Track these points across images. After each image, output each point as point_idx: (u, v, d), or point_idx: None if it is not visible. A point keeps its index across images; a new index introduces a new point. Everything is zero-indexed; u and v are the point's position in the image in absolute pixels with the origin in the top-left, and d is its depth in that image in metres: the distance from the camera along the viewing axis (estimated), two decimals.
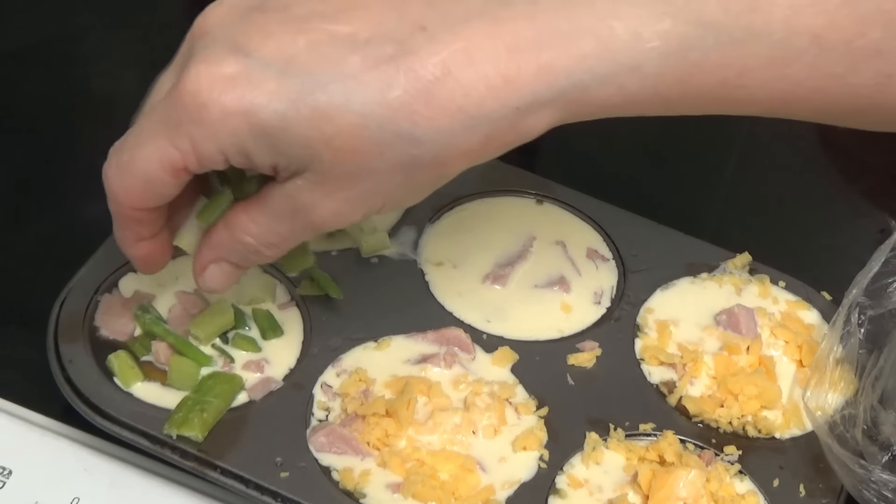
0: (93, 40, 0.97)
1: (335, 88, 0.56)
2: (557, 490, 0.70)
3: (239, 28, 0.58)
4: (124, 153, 0.61)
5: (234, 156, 0.59)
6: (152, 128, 0.60)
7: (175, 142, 0.59)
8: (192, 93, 0.57)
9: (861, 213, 0.93)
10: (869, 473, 0.69)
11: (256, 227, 0.62)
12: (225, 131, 0.57)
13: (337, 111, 0.56)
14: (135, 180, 0.61)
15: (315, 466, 0.69)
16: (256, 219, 0.62)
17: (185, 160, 0.59)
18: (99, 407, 0.69)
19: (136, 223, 0.64)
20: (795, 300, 0.81)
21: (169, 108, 0.58)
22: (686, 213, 0.89)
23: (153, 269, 0.68)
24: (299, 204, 0.60)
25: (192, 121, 0.57)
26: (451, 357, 0.75)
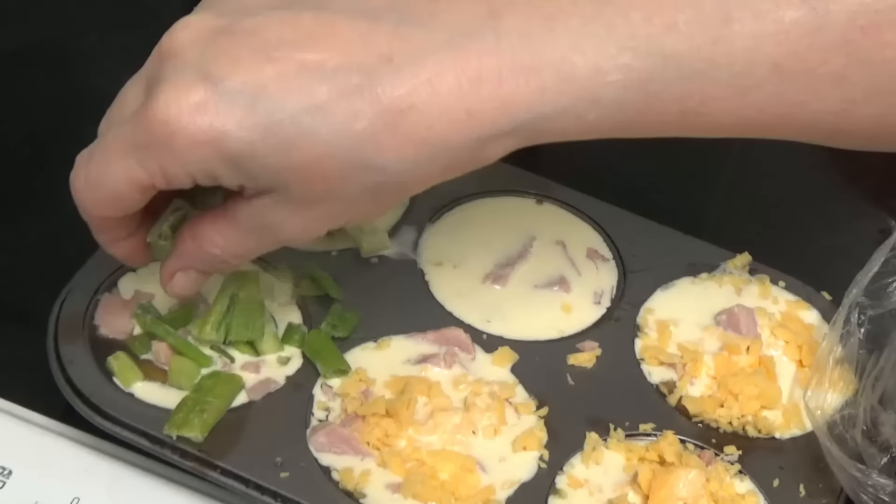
0: (93, 40, 0.97)
1: (303, 119, 0.57)
2: (557, 490, 0.70)
3: (208, 53, 0.58)
4: (91, 167, 0.62)
5: (201, 178, 0.60)
6: (120, 147, 0.61)
7: (143, 164, 0.60)
8: (161, 121, 0.58)
9: (861, 213, 0.93)
10: (866, 477, 0.69)
11: (223, 240, 0.64)
12: (193, 158, 0.58)
13: (305, 141, 0.57)
14: (102, 194, 0.63)
15: (315, 466, 0.69)
16: (223, 231, 0.63)
17: (152, 180, 0.60)
18: (99, 407, 0.69)
19: (110, 228, 0.66)
20: (795, 300, 0.81)
21: (137, 131, 0.59)
22: (686, 213, 0.89)
23: (140, 263, 0.70)
24: (266, 221, 0.62)
25: (160, 147, 0.59)
26: (451, 357, 0.75)
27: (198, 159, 0.58)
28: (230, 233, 0.63)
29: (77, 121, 0.91)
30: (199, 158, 0.58)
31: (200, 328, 0.72)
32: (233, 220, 0.63)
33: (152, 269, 0.76)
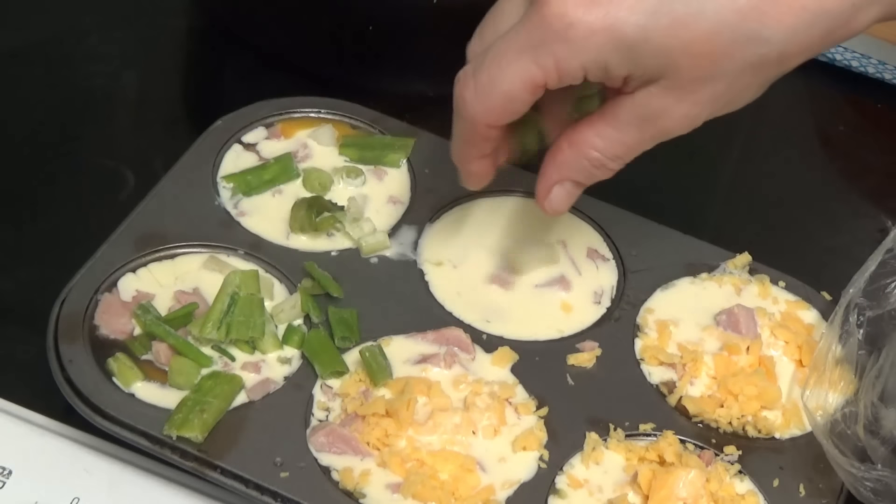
0: (93, 40, 0.97)
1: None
2: (557, 490, 0.70)
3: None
4: (482, 76, 0.65)
5: (593, 70, 0.63)
6: (513, 50, 0.64)
7: (539, 61, 0.63)
8: (558, 14, 0.61)
9: (861, 213, 0.93)
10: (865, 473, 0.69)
11: (602, 141, 0.66)
12: (590, 48, 0.62)
13: (693, 18, 0.60)
14: (495, 99, 0.65)
15: (315, 466, 0.69)
16: (602, 132, 0.66)
17: (545, 77, 0.63)
18: (99, 407, 0.69)
19: (484, 140, 0.69)
20: (795, 300, 0.81)
21: (532, 29, 0.63)
22: (686, 213, 0.89)
23: (482, 184, 0.74)
24: (650, 111, 0.65)
25: (557, 40, 0.62)
26: (450, 357, 0.75)
27: (594, 48, 0.62)
28: (610, 132, 0.66)
29: (77, 121, 0.92)
30: (595, 47, 0.61)
31: (201, 327, 0.72)
32: (613, 118, 0.66)
33: (152, 270, 0.76)
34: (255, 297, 0.74)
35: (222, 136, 0.84)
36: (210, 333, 0.72)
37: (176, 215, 0.79)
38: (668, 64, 0.62)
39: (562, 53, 0.62)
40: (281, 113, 0.86)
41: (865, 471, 0.69)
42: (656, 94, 0.64)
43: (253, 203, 0.81)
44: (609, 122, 0.66)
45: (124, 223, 0.78)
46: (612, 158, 0.67)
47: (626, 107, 0.65)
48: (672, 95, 0.64)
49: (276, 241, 0.79)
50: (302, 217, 0.79)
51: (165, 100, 0.97)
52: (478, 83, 0.65)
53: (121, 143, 0.91)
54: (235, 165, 0.83)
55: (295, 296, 0.76)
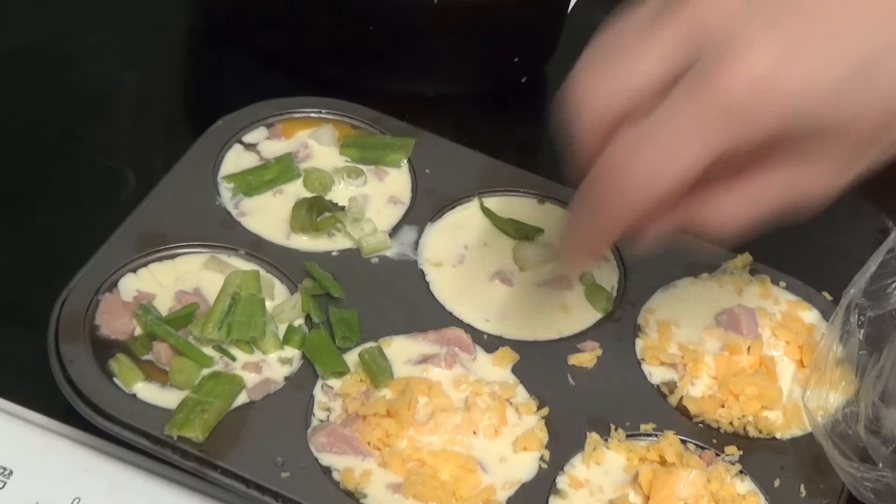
0: (93, 40, 0.97)
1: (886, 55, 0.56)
2: (558, 490, 0.70)
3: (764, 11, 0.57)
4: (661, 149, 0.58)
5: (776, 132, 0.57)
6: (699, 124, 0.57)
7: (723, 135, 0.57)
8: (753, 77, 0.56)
9: (861, 213, 0.93)
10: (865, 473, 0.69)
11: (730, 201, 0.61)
12: (783, 114, 0.57)
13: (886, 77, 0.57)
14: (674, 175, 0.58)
15: (316, 466, 0.69)
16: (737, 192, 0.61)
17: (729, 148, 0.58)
18: (99, 407, 0.69)
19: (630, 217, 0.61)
20: (796, 300, 0.81)
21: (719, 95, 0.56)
22: None
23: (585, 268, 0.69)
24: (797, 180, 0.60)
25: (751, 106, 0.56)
26: (451, 357, 0.75)
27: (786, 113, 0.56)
28: (744, 195, 0.60)
29: (77, 121, 0.92)
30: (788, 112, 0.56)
31: (202, 327, 0.72)
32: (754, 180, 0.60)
33: (152, 270, 0.76)
34: (255, 297, 0.74)
35: (223, 136, 0.84)
36: (211, 333, 0.72)
37: (176, 215, 0.79)
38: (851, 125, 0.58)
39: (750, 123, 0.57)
40: (281, 113, 0.86)
41: (866, 471, 0.69)
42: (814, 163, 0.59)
43: (254, 203, 0.81)
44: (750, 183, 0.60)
45: (125, 223, 0.78)
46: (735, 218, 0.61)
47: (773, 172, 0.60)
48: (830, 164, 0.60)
49: (276, 241, 0.79)
50: (303, 217, 0.79)
51: (165, 100, 0.97)
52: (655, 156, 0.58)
53: (121, 143, 0.91)
54: (236, 165, 0.83)
55: (295, 296, 0.76)
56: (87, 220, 0.84)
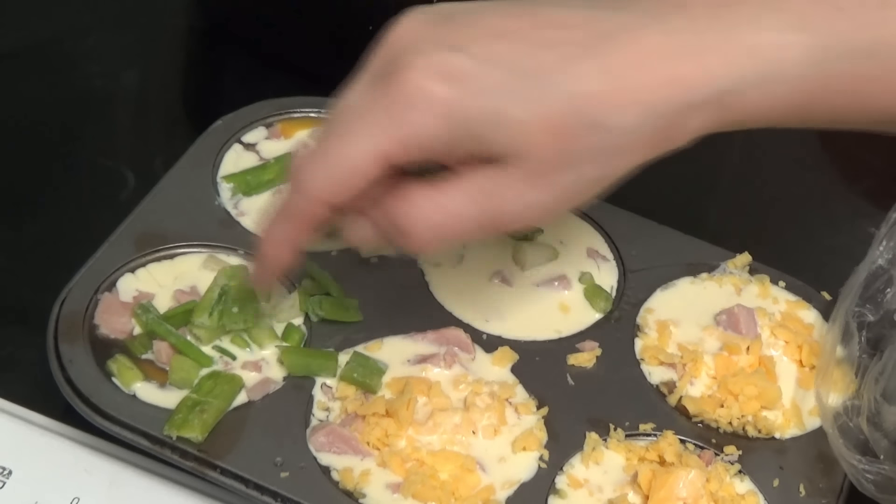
0: (93, 40, 0.97)
1: (544, 79, 0.61)
2: (557, 490, 0.70)
3: (441, 33, 0.62)
4: (330, 146, 0.63)
5: (445, 145, 0.62)
6: (366, 120, 0.62)
7: (392, 131, 0.61)
8: (415, 84, 0.61)
9: (861, 213, 0.93)
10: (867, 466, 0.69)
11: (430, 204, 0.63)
12: (445, 116, 0.61)
13: (548, 97, 0.61)
14: (342, 173, 0.63)
15: (315, 466, 0.69)
16: (434, 197, 0.63)
17: (396, 149, 0.62)
18: (99, 407, 0.69)
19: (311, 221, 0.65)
20: (795, 300, 0.81)
21: (387, 102, 0.61)
22: (686, 213, 0.89)
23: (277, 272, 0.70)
24: (494, 186, 0.63)
25: (413, 108, 0.61)
26: (451, 357, 0.75)
27: (453, 120, 0.61)
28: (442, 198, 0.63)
29: (77, 121, 0.92)
30: (450, 115, 0.61)
31: (194, 314, 0.73)
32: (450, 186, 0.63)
33: (151, 270, 0.76)
34: (245, 287, 0.74)
35: (222, 136, 0.84)
36: (202, 317, 0.72)
37: (176, 215, 0.79)
38: (518, 138, 0.61)
39: (416, 122, 0.61)
40: (281, 113, 0.86)
41: (868, 464, 0.69)
42: (502, 172, 0.62)
43: (253, 203, 0.81)
44: (446, 189, 0.63)
45: (124, 223, 0.78)
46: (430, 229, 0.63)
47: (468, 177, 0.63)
48: (518, 175, 0.62)
49: None
50: None
51: (165, 100, 0.97)
52: (325, 155, 0.63)
53: (121, 143, 0.92)
54: (235, 165, 0.83)
55: (293, 295, 0.76)
56: (86, 220, 0.84)
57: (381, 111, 0.62)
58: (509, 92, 0.61)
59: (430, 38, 0.62)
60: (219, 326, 0.73)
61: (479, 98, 0.61)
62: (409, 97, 0.61)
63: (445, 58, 0.61)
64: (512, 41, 0.62)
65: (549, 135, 0.61)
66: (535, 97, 0.61)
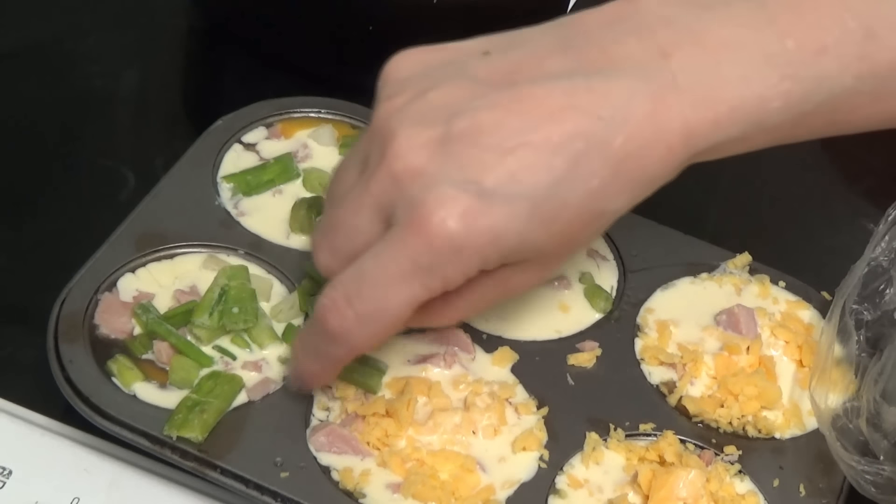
0: (93, 40, 0.97)
1: (555, 193, 0.62)
2: (557, 490, 0.70)
3: (450, 164, 0.62)
4: (366, 305, 0.64)
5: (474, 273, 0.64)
6: (395, 274, 0.63)
7: (427, 282, 0.63)
8: (443, 235, 0.61)
9: (861, 213, 0.93)
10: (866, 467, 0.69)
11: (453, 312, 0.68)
12: (476, 260, 0.63)
13: (560, 212, 0.63)
14: (382, 327, 0.65)
15: (315, 466, 0.69)
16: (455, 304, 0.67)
17: (431, 294, 0.64)
18: (99, 407, 0.69)
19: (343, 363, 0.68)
20: (795, 300, 0.81)
21: (413, 252, 0.62)
22: (686, 213, 0.89)
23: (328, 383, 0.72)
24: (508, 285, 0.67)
25: (447, 260, 0.62)
26: (451, 357, 0.75)
27: (479, 259, 0.63)
28: (462, 304, 0.67)
29: (77, 121, 0.92)
30: (481, 258, 0.63)
31: (195, 314, 0.73)
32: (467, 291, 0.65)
33: (151, 270, 0.76)
34: (245, 286, 0.74)
35: (222, 136, 0.84)
36: (202, 317, 0.72)
37: (176, 215, 0.79)
38: (538, 252, 0.65)
39: (450, 271, 0.63)
40: (281, 113, 0.86)
41: (867, 464, 0.69)
42: (518, 271, 0.66)
43: (253, 203, 0.81)
44: (463, 296, 0.66)
45: (124, 223, 0.78)
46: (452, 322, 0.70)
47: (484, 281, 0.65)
48: (531, 269, 0.66)
49: (276, 241, 0.79)
50: (302, 217, 0.79)
51: (165, 100, 0.97)
52: (359, 313, 0.64)
53: (121, 143, 0.91)
54: (235, 165, 0.83)
55: (293, 295, 0.76)
56: (86, 220, 0.84)
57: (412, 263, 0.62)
58: (531, 219, 0.62)
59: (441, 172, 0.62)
60: (219, 327, 0.73)
61: (506, 236, 0.62)
62: (439, 248, 0.62)
63: (464, 198, 0.61)
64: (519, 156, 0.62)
65: (564, 242, 0.65)
66: (553, 215, 0.62)
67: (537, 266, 0.66)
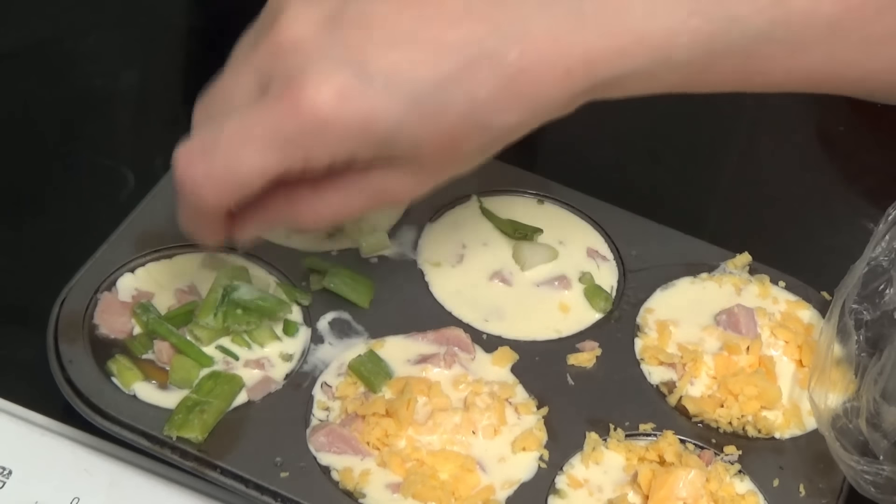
0: (93, 40, 0.97)
1: (439, 92, 0.60)
2: (557, 490, 0.70)
3: (335, 43, 0.60)
4: (217, 161, 0.62)
5: (340, 159, 0.62)
6: (256, 136, 0.61)
7: (287, 154, 0.61)
8: (312, 109, 0.59)
9: (861, 213, 0.93)
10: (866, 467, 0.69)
11: (323, 205, 0.64)
12: (343, 142, 0.61)
13: (442, 111, 0.61)
14: (228, 186, 0.62)
15: (315, 466, 0.69)
16: (325, 196, 0.64)
17: (288, 170, 0.61)
18: (99, 407, 0.69)
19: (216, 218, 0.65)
20: (795, 300, 0.81)
21: (280, 119, 0.60)
22: (686, 213, 0.89)
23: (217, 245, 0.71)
24: (385, 186, 0.64)
25: (310, 135, 0.60)
26: (450, 357, 0.75)
27: (347, 142, 0.61)
28: (334, 198, 0.64)
29: (77, 121, 0.92)
30: (350, 141, 0.60)
31: (199, 314, 0.73)
32: (342, 185, 0.64)
33: (151, 270, 0.76)
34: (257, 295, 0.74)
35: None
36: (206, 319, 0.72)
37: (176, 215, 0.79)
38: (414, 152, 0.62)
39: (312, 148, 0.60)
40: None
41: (866, 464, 0.69)
42: (394, 172, 0.63)
43: None
44: (337, 188, 0.64)
45: (124, 223, 0.78)
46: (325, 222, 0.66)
47: (360, 177, 0.63)
48: (409, 173, 0.64)
49: (276, 241, 0.79)
50: None
51: (165, 100, 0.97)
52: (211, 166, 0.62)
53: (121, 143, 0.91)
54: None
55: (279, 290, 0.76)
56: (86, 220, 0.84)
57: (274, 131, 0.60)
58: (408, 113, 0.60)
59: (324, 49, 0.60)
60: (223, 327, 0.73)
61: (378, 123, 0.60)
62: (305, 122, 0.59)
63: (342, 77, 0.59)
64: (407, 49, 0.60)
65: (442, 146, 0.62)
66: (432, 114, 0.61)
67: (412, 170, 0.63)
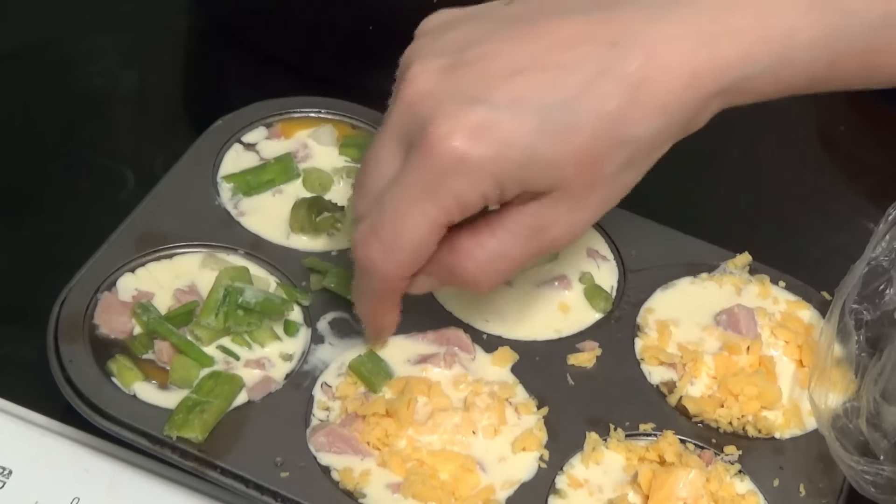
0: (93, 40, 0.97)
1: (565, 112, 0.62)
2: (557, 490, 0.70)
3: (457, 85, 0.63)
4: (383, 233, 0.65)
5: (491, 196, 0.63)
6: (410, 196, 0.63)
7: (439, 202, 0.63)
8: (448, 150, 0.61)
9: (861, 213, 0.93)
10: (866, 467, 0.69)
11: (484, 253, 0.66)
12: (486, 175, 0.62)
13: (571, 130, 0.62)
14: (405, 252, 0.65)
15: (315, 466, 0.69)
16: (485, 243, 0.66)
17: (448, 216, 0.64)
18: (99, 407, 0.69)
19: (397, 292, 0.69)
20: (795, 300, 0.81)
21: (423, 172, 0.62)
22: (686, 213, 0.89)
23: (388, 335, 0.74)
24: (540, 222, 0.65)
25: (454, 175, 0.62)
26: (451, 357, 0.75)
27: (489, 175, 0.62)
28: (494, 243, 0.66)
29: (77, 121, 0.92)
30: (492, 174, 0.62)
31: (201, 315, 0.73)
32: (500, 227, 0.65)
33: (151, 270, 0.76)
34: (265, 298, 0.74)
35: (222, 136, 0.84)
36: (208, 319, 0.72)
37: (176, 215, 0.79)
38: (557, 176, 0.63)
39: (460, 188, 0.62)
40: (281, 113, 0.86)
41: (866, 464, 0.69)
42: (547, 205, 0.64)
43: (253, 203, 0.81)
44: (494, 232, 0.66)
45: (124, 223, 0.78)
46: (488, 274, 0.67)
47: (514, 217, 0.65)
48: (563, 205, 0.65)
49: (276, 241, 0.79)
50: (302, 217, 0.79)
51: (165, 100, 0.97)
52: (383, 240, 0.65)
53: (121, 143, 0.92)
54: (235, 165, 0.83)
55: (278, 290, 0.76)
56: (86, 220, 0.84)
57: (423, 184, 0.63)
58: (539, 134, 0.62)
59: (449, 93, 0.62)
60: (224, 328, 0.73)
61: (512, 149, 0.62)
62: (446, 164, 0.62)
63: (470, 114, 0.61)
64: (528, 76, 0.62)
65: (583, 166, 0.63)
66: (564, 132, 0.62)
67: (563, 201, 0.64)
